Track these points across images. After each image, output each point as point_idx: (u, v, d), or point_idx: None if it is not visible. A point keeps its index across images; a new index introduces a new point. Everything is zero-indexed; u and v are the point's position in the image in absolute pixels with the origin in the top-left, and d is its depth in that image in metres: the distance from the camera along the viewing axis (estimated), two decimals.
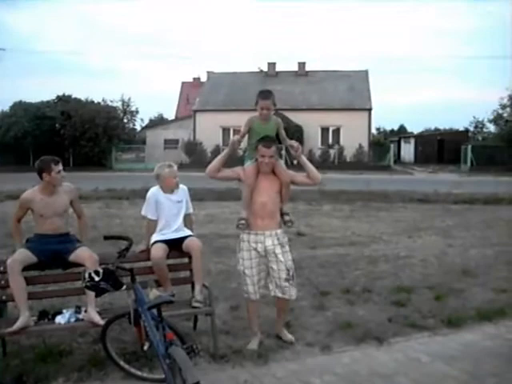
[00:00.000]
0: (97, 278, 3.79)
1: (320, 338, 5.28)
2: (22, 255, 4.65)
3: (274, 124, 5.05)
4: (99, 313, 4.70)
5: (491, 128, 49.90)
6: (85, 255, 4.71)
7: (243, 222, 4.87)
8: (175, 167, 5.25)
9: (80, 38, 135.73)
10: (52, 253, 4.77)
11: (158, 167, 5.25)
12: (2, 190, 16.97)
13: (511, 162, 36.55)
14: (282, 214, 5.05)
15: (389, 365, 4.71)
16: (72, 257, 4.75)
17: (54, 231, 4.87)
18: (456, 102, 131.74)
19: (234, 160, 5.18)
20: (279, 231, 4.98)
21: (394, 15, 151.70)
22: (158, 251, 4.98)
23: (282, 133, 5.11)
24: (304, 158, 4.98)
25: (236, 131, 39.50)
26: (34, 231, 4.99)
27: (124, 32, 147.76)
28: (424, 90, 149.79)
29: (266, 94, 4.97)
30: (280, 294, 4.97)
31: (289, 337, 5.16)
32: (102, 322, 4.46)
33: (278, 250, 4.90)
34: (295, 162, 5.11)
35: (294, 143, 4.90)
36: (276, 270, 4.90)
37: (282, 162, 5.03)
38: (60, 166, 4.85)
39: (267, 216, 4.89)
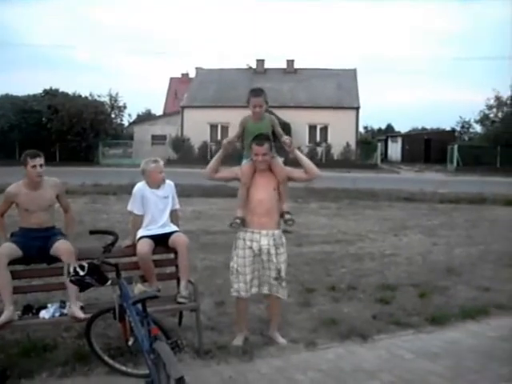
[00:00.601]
0: (82, 273, 3.78)
1: (305, 334, 5.30)
2: (8, 249, 4.60)
3: (267, 122, 4.99)
4: (83, 307, 4.69)
5: (477, 128, 50.39)
6: (61, 248, 4.67)
7: (238, 221, 4.84)
8: (161, 162, 5.23)
9: (67, 31, 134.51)
10: (37, 247, 4.73)
11: (144, 162, 5.24)
12: None
13: (496, 162, 36.89)
14: (283, 213, 4.98)
15: (373, 361, 4.74)
16: (52, 250, 4.71)
17: (39, 225, 4.82)
18: (443, 103, 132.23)
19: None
20: (276, 232, 4.93)
21: (383, 15, 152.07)
22: (144, 246, 4.97)
23: (279, 130, 5.03)
24: (299, 153, 4.93)
25: (224, 128, 39.77)
26: (17, 225, 4.95)
27: (112, 26, 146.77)
28: (412, 89, 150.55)
29: (257, 92, 4.93)
30: (266, 291, 4.99)
31: (281, 340, 5.11)
32: (83, 317, 4.45)
33: (273, 251, 4.87)
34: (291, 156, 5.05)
35: (287, 139, 4.84)
36: (267, 269, 4.90)
37: (278, 159, 4.95)
38: (37, 161, 4.74)
39: (264, 214, 4.84)
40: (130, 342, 3.89)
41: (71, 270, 3.81)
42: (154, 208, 5.16)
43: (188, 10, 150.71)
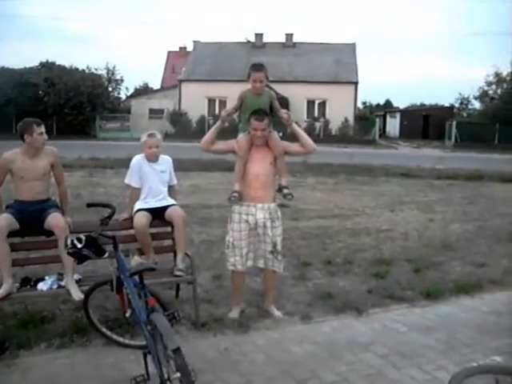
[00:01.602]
0: (79, 245, 3.79)
1: (300, 307, 5.36)
2: (8, 220, 4.59)
3: (267, 97, 4.97)
4: (80, 280, 4.73)
5: (476, 105, 50.16)
6: (53, 223, 4.66)
7: (236, 194, 4.85)
8: (157, 136, 5.21)
9: (61, 3, 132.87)
10: (32, 220, 4.72)
11: (143, 135, 5.25)
12: None
13: (495, 139, 36.86)
14: (281, 188, 5.03)
15: (367, 334, 4.81)
16: (45, 224, 4.70)
17: (33, 197, 4.80)
18: (442, 79, 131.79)
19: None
20: (272, 205, 4.97)
21: None
22: (141, 219, 4.99)
23: (276, 104, 5.03)
24: (296, 127, 4.98)
25: (222, 102, 39.55)
26: (11, 199, 4.94)
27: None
28: (411, 65, 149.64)
29: (258, 67, 4.89)
30: (262, 265, 5.06)
31: (276, 313, 5.15)
32: (78, 298, 4.48)
33: (268, 224, 4.91)
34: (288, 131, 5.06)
35: (285, 114, 4.88)
36: (262, 242, 4.95)
37: (275, 134, 4.97)
38: (42, 128, 4.78)
39: (260, 188, 4.88)
40: (128, 314, 3.92)
41: (68, 242, 3.83)
42: (152, 181, 5.17)
43: None
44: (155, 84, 61.24)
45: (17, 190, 4.87)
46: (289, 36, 44.29)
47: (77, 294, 4.52)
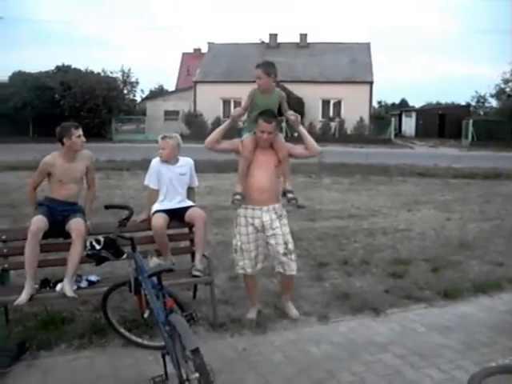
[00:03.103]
0: (98, 247, 3.83)
1: (317, 308, 5.36)
2: (44, 223, 4.66)
3: (276, 97, 4.87)
4: (99, 281, 4.78)
5: (493, 103, 49.63)
6: (73, 226, 4.72)
7: (238, 197, 4.77)
8: (167, 140, 5.23)
9: (74, 6, 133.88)
10: (58, 221, 4.80)
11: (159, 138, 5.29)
12: (1, 161, 16.99)
13: (511, 137, 36.47)
14: (285, 192, 4.92)
15: (385, 334, 4.80)
16: (67, 226, 4.77)
17: (66, 198, 4.91)
18: (458, 77, 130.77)
19: (233, 131, 5.17)
20: (277, 205, 4.89)
21: None
22: (159, 220, 5.02)
23: (285, 105, 4.94)
24: (303, 129, 4.91)
25: (237, 103, 39.48)
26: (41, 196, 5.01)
27: (122, 1, 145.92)
28: (427, 64, 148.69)
29: (259, 64, 4.84)
30: (281, 270, 4.92)
31: (294, 312, 5.12)
32: (71, 295, 4.50)
33: (276, 224, 4.80)
34: (295, 134, 4.98)
35: (292, 116, 4.81)
36: (274, 245, 4.81)
37: (281, 136, 4.89)
38: (80, 131, 4.92)
39: (265, 190, 4.78)
40: (146, 315, 3.95)
41: (87, 244, 3.87)
42: (169, 183, 5.20)
43: None
44: (170, 86, 61.67)
45: (52, 190, 4.95)
46: (303, 36, 44.26)
47: (70, 292, 4.52)
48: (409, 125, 51.37)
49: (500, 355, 4.36)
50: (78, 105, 35.83)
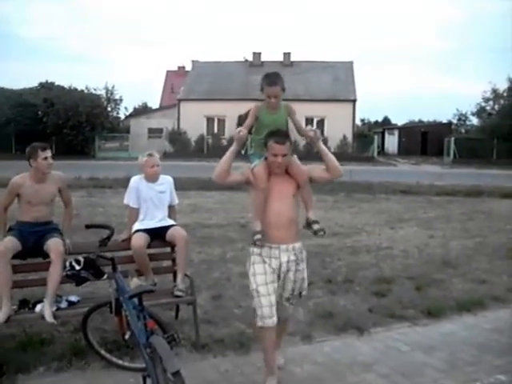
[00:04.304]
0: (77, 267, 3.78)
1: (301, 327, 5.31)
2: (13, 243, 4.60)
3: (284, 112, 4.14)
4: (79, 301, 4.70)
5: (474, 121, 50.34)
6: (51, 247, 4.65)
7: (259, 236, 3.94)
8: (155, 156, 5.21)
9: (58, 23, 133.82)
10: (33, 241, 4.73)
11: (141, 156, 5.25)
12: None
13: (493, 154, 36.94)
14: (310, 223, 4.22)
15: (369, 354, 4.76)
16: (45, 246, 4.70)
17: (37, 219, 4.82)
18: (440, 95, 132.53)
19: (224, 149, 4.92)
20: (297, 245, 4.09)
21: (380, 6, 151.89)
22: (138, 240, 4.96)
23: (297, 120, 4.22)
24: (323, 147, 4.14)
25: (220, 120, 39.72)
26: (13, 219, 4.94)
27: (110, 18, 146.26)
28: (409, 82, 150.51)
29: (273, 79, 4.00)
30: (280, 317, 4.06)
31: (281, 361, 4.42)
32: (50, 321, 4.41)
33: (293, 268, 4.04)
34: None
35: (311, 132, 4.12)
36: (281, 289, 4.09)
37: (296, 158, 4.13)
38: (47, 153, 4.80)
39: (283, 226, 3.98)
40: (127, 336, 3.89)
41: (67, 264, 3.81)
42: (150, 202, 5.15)
43: (185, 3, 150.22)
44: (154, 103, 61.61)
45: (21, 213, 4.87)
46: (286, 55, 44.55)
47: (50, 318, 4.43)
48: (391, 142, 51.78)
49: (485, 374, 4.35)
50: (61, 122, 35.69)
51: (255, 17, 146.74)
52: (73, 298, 4.81)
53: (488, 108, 43.52)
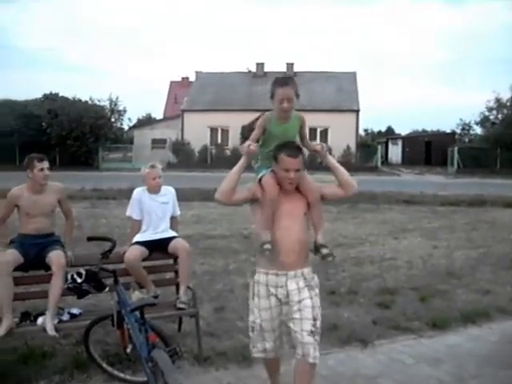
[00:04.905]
0: (79, 280, 3.77)
1: None
2: (14, 256, 4.58)
3: (296, 122, 3.65)
4: (81, 314, 4.67)
5: (478, 130, 50.27)
6: (53, 259, 4.63)
7: (268, 245, 3.46)
8: (158, 168, 5.20)
9: (61, 33, 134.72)
10: (34, 254, 4.71)
11: (143, 167, 5.24)
12: None
13: (497, 164, 36.87)
14: (318, 247, 3.68)
15: (373, 367, 4.72)
16: (46, 259, 4.68)
17: (38, 231, 4.80)
18: (444, 105, 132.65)
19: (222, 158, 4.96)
20: (306, 270, 3.63)
21: (384, 16, 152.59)
22: (133, 252, 4.93)
23: (305, 131, 3.77)
24: (333, 161, 3.74)
25: (224, 131, 39.79)
26: (16, 231, 4.93)
27: (111, 28, 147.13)
28: (412, 92, 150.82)
29: (285, 80, 3.56)
30: (300, 354, 3.48)
31: None
32: (52, 334, 4.39)
33: (305, 294, 3.54)
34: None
35: (318, 146, 3.71)
36: (298, 320, 3.50)
37: (306, 174, 3.66)
38: (44, 164, 4.78)
39: (293, 249, 3.53)
40: (129, 349, 3.87)
41: (69, 277, 3.80)
42: (153, 213, 5.14)
43: (188, 14, 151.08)
44: (158, 114, 61.84)
45: (22, 224, 4.86)
46: (290, 65, 44.66)
47: (51, 330, 4.41)
48: (395, 152, 51.79)
49: None
50: (65, 133, 35.75)
51: (259, 27, 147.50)
52: (75, 311, 4.79)
53: (491, 117, 43.45)
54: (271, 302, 3.58)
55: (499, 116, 42.21)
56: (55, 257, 4.63)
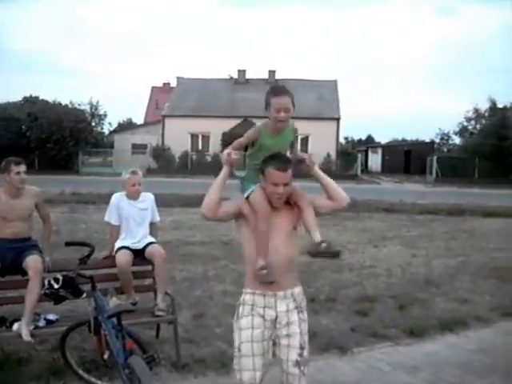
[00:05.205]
0: (56, 286, 3.73)
1: None
2: None
3: (290, 134, 3.38)
4: (58, 320, 4.61)
5: (456, 140, 50.91)
6: (30, 264, 4.56)
7: (265, 271, 3.17)
8: (139, 175, 5.16)
9: (47, 37, 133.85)
10: (11, 258, 4.65)
11: (124, 172, 5.20)
12: None
13: (475, 173, 37.32)
14: (317, 244, 3.30)
15: (351, 374, 4.73)
16: (23, 264, 4.62)
17: (15, 235, 4.73)
18: (423, 114, 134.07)
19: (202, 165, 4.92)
20: (296, 290, 3.39)
21: (364, 25, 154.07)
22: (124, 257, 4.89)
23: (296, 144, 3.55)
24: (321, 173, 3.45)
25: (205, 137, 39.74)
26: None
27: (95, 32, 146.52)
28: (393, 101, 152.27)
29: (281, 90, 3.30)
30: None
31: None
32: (27, 339, 4.34)
33: (294, 318, 3.33)
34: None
35: (306, 156, 3.42)
36: (285, 348, 3.30)
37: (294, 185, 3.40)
38: (21, 168, 4.73)
39: (283, 268, 3.25)
40: (106, 356, 3.84)
41: (45, 282, 3.75)
42: (131, 219, 5.09)
43: (170, 20, 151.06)
44: (139, 119, 61.59)
45: None
46: (271, 73, 44.82)
47: (27, 336, 4.36)
48: (375, 160, 52.15)
49: None
50: (45, 136, 35.41)
51: (240, 34, 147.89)
52: (51, 317, 4.73)
53: (470, 127, 44.08)
54: (254, 321, 3.24)
55: (477, 126, 42.81)
56: (32, 262, 4.57)
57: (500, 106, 40.30)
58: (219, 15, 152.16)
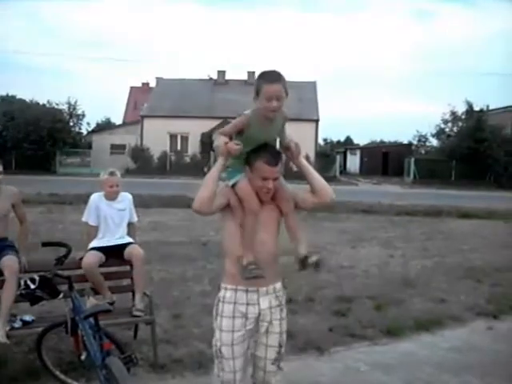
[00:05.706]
0: (32, 286, 3.69)
1: None
2: None
3: (280, 123, 3.26)
4: (34, 321, 4.57)
5: (434, 142, 51.33)
6: (6, 264, 4.51)
7: (253, 267, 3.06)
8: (117, 176, 5.14)
9: (24, 36, 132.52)
10: None
11: (102, 173, 5.18)
12: None
13: (452, 175, 37.74)
14: (304, 260, 3.33)
15: (329, 374, 4.76)
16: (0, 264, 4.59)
17: None
18: (401, 116, 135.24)
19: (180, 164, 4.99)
20: (278, 285, 3.35)
21: (342, 27, 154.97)
22: (90, 258, 4.86)
23: (285, 130, 3.39)
24: (305, 163, 3.38)
25: (184, 138, 39.63)
26: None
27: (72, 32, 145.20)
28: (371, 103, 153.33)
29: (274, 76, 3.10)
30: (260, 382, 3.32)
31: None
32: (3, 341, 4.29)
33: (276, 316, 3.27)
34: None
35: (292, 144, 3.34)
36: (263, 346, 3.26)
37: (282, 179, 3.29)
38: None
39: (266, 263, 3.16)
40: (83, 357, 3.81)
41: (21, 283, 3.72)
42: (109, 220, 5.07)
43: (150, 20, 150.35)
44: (117, 119, 61.22)
45: None
46: (251, 74, 44.74)
47: (2, 338, 4.31)
48: (353, 162, 52.43)
49: None
50: (22, 136, 35.04)
51: (220, 35, 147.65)
52: (27, 318, 4.67)
53: (447, 130, 44.49)
54: (235, 323, 3.12)
55: (454, 129, 43.24)
56: (8, 262, 4.52)
57: (476, 108, 40.74)
58: (199, 16, 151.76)
